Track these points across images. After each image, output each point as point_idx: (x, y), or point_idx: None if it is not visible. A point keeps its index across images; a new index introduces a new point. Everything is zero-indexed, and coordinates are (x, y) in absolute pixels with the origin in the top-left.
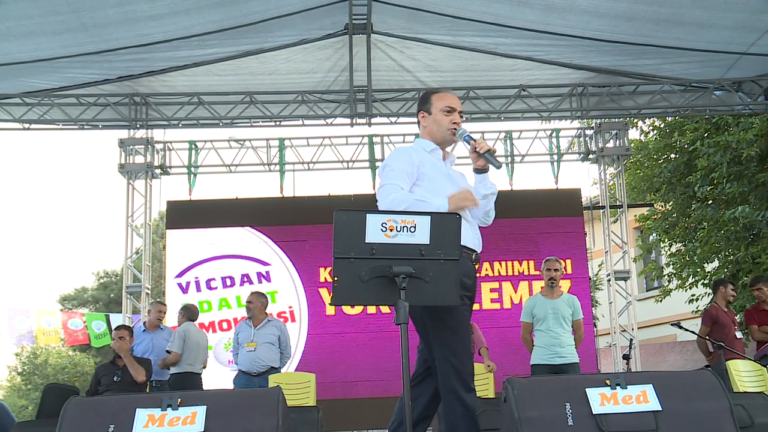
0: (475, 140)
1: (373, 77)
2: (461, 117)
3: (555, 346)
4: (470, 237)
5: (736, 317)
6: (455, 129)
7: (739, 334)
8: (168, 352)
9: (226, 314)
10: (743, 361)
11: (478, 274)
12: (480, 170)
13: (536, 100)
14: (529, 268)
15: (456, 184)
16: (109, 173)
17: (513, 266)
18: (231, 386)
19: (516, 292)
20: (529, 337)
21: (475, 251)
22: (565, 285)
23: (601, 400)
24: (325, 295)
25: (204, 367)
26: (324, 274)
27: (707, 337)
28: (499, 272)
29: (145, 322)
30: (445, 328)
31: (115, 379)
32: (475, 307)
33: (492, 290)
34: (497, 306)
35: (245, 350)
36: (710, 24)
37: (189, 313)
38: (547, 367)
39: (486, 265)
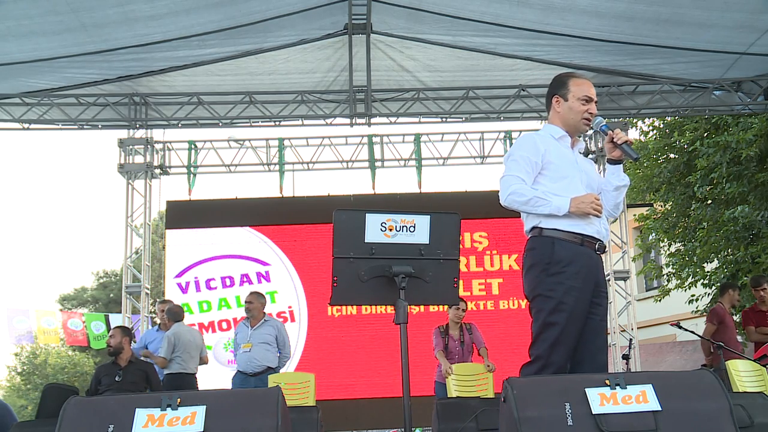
0: (612, 130)
1: (373, 77)
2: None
3: None
4: (595, 227)
5: (735, 318)
6: (589, 120)
7: (739, 338)
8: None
9: (226, 314)
10: (743, 361)
11: (467, 270)
12: (615, 161)
13: (536, 100)
14: None
15: (584, 172)
16: (109, 173)
17: (512, 266)
18: (229, 386)
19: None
20: None
21: (599, 240)
22: None
23: (600, 400)
24: (325, 294)
25: (205, 363)
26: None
27: (710, 339)
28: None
29: (158, 323)
30: (539, 311)
31: (116, 379)
32: (474, 307)
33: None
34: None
35: (242, 351)
36: (710, 24)
37: (173, 315)
38: None
39: (486, 264)
